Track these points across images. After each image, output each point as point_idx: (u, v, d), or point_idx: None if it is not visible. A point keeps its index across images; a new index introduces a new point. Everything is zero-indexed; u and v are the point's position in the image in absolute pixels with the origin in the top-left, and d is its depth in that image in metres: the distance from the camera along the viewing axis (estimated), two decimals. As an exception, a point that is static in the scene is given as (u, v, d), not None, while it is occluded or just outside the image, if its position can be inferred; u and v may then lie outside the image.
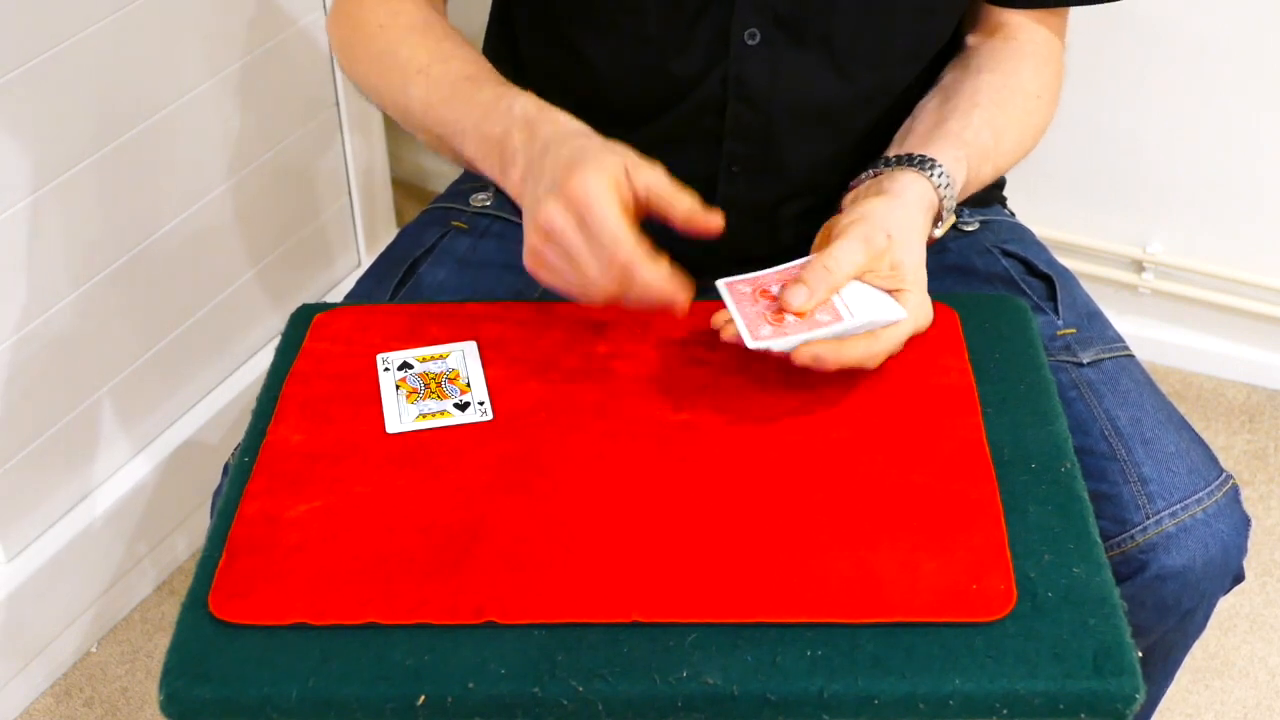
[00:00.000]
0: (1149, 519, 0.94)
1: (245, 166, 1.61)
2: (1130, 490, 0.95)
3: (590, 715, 0.73)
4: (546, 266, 0.87)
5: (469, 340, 0.95)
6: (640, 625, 0.75)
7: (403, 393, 0.91)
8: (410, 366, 0.93)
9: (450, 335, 0.95)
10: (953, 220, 0.97)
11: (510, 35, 1.12)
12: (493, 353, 0.94)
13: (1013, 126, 1.01)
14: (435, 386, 0.91)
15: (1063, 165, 1.80)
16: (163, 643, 1.54)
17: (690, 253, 0.90)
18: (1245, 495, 0.98)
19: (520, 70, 1.10)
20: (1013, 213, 1.20)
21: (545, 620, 0.76)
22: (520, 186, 0.90)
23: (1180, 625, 0.98)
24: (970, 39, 1.07)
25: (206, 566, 0.80)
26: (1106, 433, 0.98)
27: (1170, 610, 0.96)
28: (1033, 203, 1.57)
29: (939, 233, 0.95)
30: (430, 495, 0.83)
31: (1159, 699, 1.12)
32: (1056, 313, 1.06)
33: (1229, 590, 0.99)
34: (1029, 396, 0.90)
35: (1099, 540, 0.80)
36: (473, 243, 1.13)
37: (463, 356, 0.94)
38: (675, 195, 0.87)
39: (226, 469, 0.99)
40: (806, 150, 1.05)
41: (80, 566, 1.52)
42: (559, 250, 0.85)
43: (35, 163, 1.33)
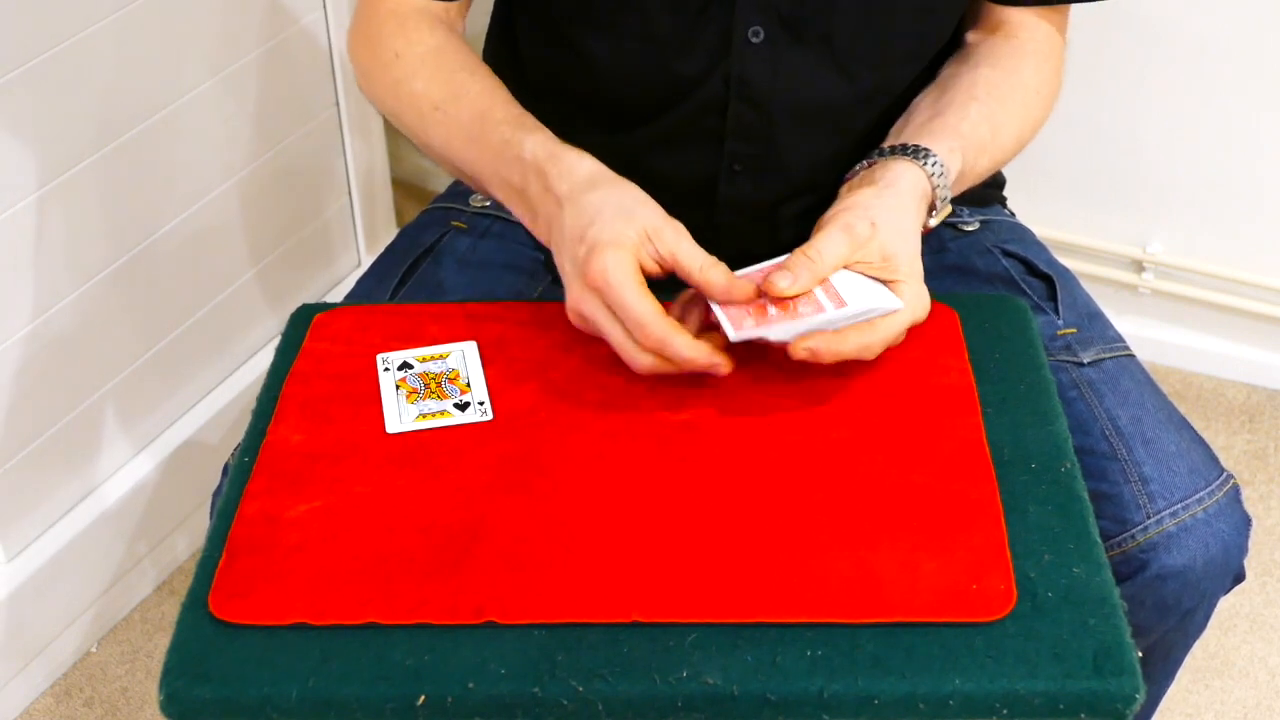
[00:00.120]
0: (1150, 518, 0.94)
1: (245, 166, 1.61)
2: (1131, 490, 0.95)
3: (590, 715, 0.73)
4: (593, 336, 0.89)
5: (469, 340, 0.95)
6: (640, 625, 0.75)
7: (403, 393, 0.91)
8: (410, 366, 0.93)
9: (450, 335, 0.95)
10: (948, 210, 0.96)
11: (510, 37, 1.12)
12: (493, 353, 0.94)
13: (1011, 121, 1.01)
14: (435, 386, 0.91)
15: (1063, 165, 1.80)
16: (163, 643, 1.54)
17: None
18: (1245, 495, 0.98)
19: (521, 72, 1.10)
20: (1013, 213, 1.20)
21: (545, 620, 0.76)
22: (546, 240, 0.92)
23: (1181, 625, 0.98)
24: (970, 36, 1.07)
25: (206, 566, 0.80)
26: (1107, 432, 0.98)
27: (1171, 610, 0.96)
28: (1033, 203, 1.57)
29: (934, 222, 0.95)
30: (430, 495, 0.83)
31: (1160, 699, 1.12)
32: (1057, 312, 1.06)
33: (1230, 590, 0.99)
34: (1029, 396, 0.90)
35: (1099, 540, 0.80)
36: (473, 243, 1.13)
37: (463, 356, 0.94)
38: (693, 262, 0.86)
39: (226, 469, 0.99)
40: (807, 149, 1.04)
41: (80, 566, 1.51)
42: (596, 330, 0.88)
43: (36, 163, 1.33)
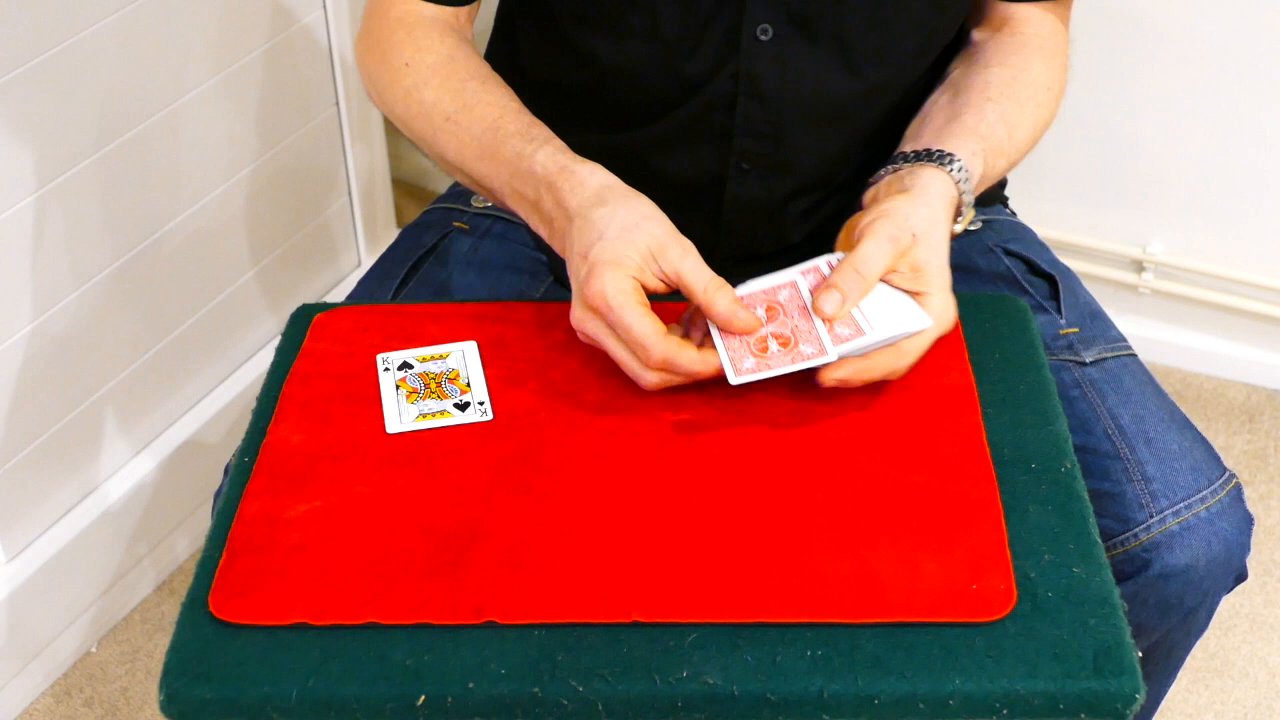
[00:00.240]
0: (1152, 517, 0.94)
1: (245, 166, 1.61)
2: (1133, 489, 0.95)
3: (590, 715, 0.73)
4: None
5: (469, 340, 0.95)
6: (640, 625, 0.75)
7: (403, 393, 0.91)
8: (410, 366, 0.93)
9: (450, 335, 0.95)
10: (971, 215, 0.96)
11: (512, 38, 1.11)
12: (493, 353, 0.94)
13: (1025, 120, 1.01)
14: (435, 386, 0.91)
15: (1063, 165, 1.80)
16: (163, 643, 1.54)
17: None
18: (1245, 495, 0.98)
19: (522, 73, 1.09)
20: (1014, 212, 1.20)
21: (545, 620, 0.76)
22: (562, 252, 0.92)
23: (1183, 624, 0.98)
24: (976, 34, 1.07)
25: (206, 566, 0.80)
26: (1110, 432, 0.98)
27: (1173, 609, 0.96)
28: (1033, 203, 1.57)
29: (959, 228, 0.94)
30: (430, 495, 0.83)
31: (1161, 698, 1.12)
32: (1059, 312, 1.06)
33: (1232, 589, 0.99)
34: (1029, 396, 0.90)
35: (1099, 540, 0.80)
36: (474, 243, 1.13)
37: (463, 356, 0.94)
38: (697, 282, 0.86)
39: (227, 469, 0.99)
40: (815, 147, 1.04)
41: (80, 566, 1.51)
42: (602, 348, 0.88)
43: (36, 162, 1.33)
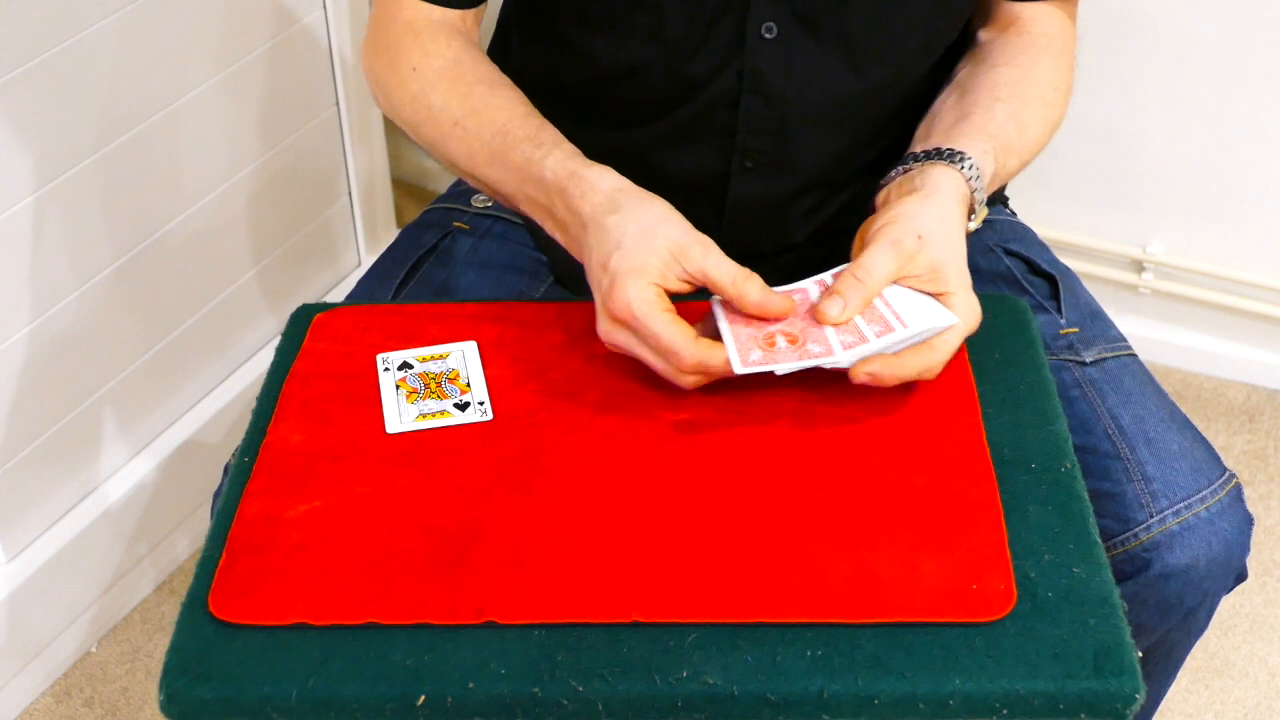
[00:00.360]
0: (1152, 517, 0.94)
1: (245, 166, 1.61)
2: (1134, 489, 0.95)
3: (590, 715, 0.73)
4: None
5: (469, 340, 0.95)
6: (640, 625, 0.75)
7: (403, 393, 0.91)
8: (410, 366, 0.93)
9: (450, 335, 0.95)
10: (985, 214, 0.95)
11: (512, 45, 1.11)
12: (493, 353, 0.94)
13: (1035, 120, 1.01)
14: (435, 386, 0.91)
15: (1063, 165, 1.80)
16: (163, 643, 1.53)
17: None
18: (1245, 495, 0.98)
19: (521, 76, 1.09)
20: (1014, 212, 1.20)
21: (545, 620, 0.76)
22: (579, 257, 0.91)
23: (1183, 624, 0.98)
24: (983, 34, 1.07)
25: (206, 566, 0.80)
26: (1110, 432, 0.97)
27: (1173, 609, 0.96)
28: (1033, 203, 1.57)
29: (973, 226, 0.94)
30: (430, 495, 0.83)
31: (1161, 698, 1.12)
32: (1059, 312, 1.06)
33: (1232, 589, 0.99)
34: (1029, 396, 0.89)
35: (1099, 540, 0.80)
36: (475, 243, 1.13)
37: (463, 356, 0.94)
38: (725, 275, 0.86)
39: (227, 469, 0.99)
40: (818, 145, 1.04)
41: (80, 566, 1.51)
42: (633, 356, 0.88)
43: (36, 162, 1.33)
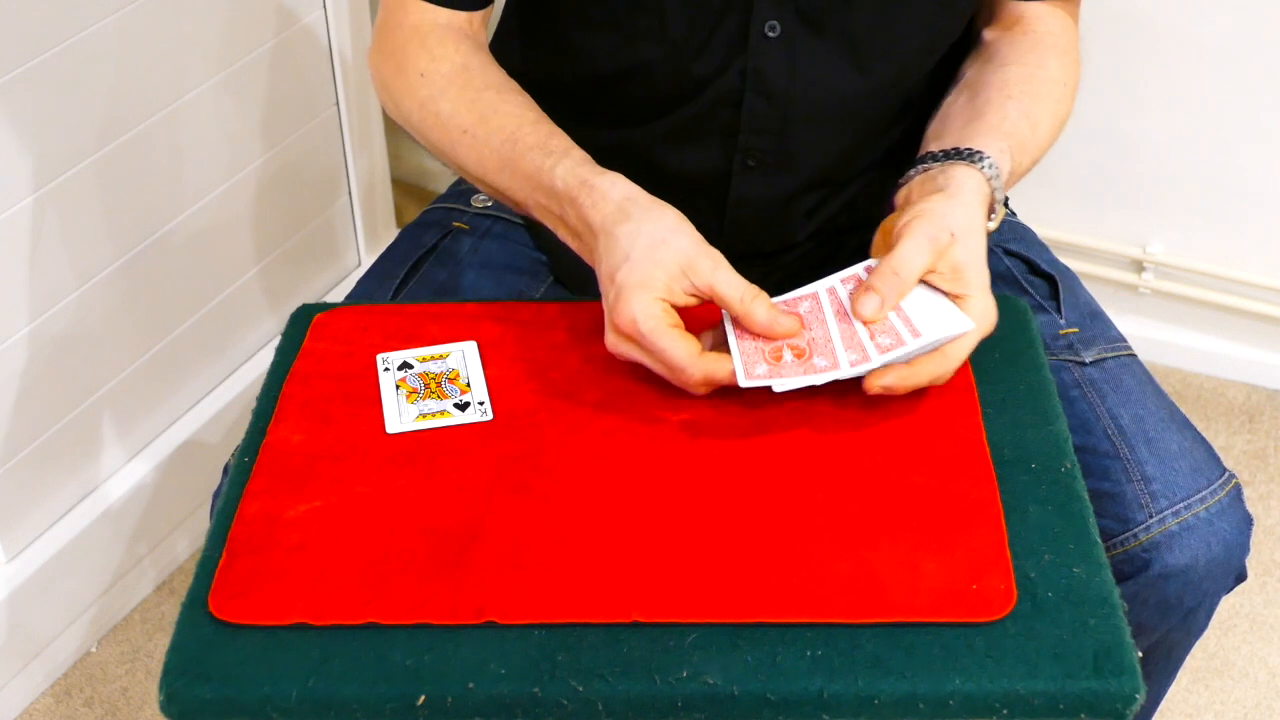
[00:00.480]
0: (1152, 518, 0.94)
1: (245, 166, 1.61)
2: (1133, 489, 0.95)
3: (590, 715, 0.73)
4: None
5: (469, 340, 0.95)
6: (640, 625, 0.75)
7: (403, 393, 0.91)
8: (410, 366, 0.93)
9: (450, 335, 0.95)
10: (1003, 213, 0.95)
11: (513, 45, 1.11)
12: (493, 353, 0.94)
13: (1046, 117, 1.00)
14: (435, 386, 0.91)
15: (1063, 165, 1.80)
16: (163, 643, 1.54)
17: None
18: (1245, 495, 0.98)
19: (521, 76, 1.09)
20: (1014, 212, 1.19)
21: (545, 620, 0.76)
22: (595, 267, 0.91)
23: (1183, 624, 0.98)
24: (988, 33, 1.06)
25: (206, 566, 0.80)
26: (1110, 432, 0.97)
27: (1173, 609, 0.96)
28: (1033, 203, 1.57)
29: (993, 226, 0.93)
30: (430, 495, 0.83)
31: (1161, 698, 1.12)
32: (1059, 312, 1.06)
33: (1231, 589, 0.99)
34: (1029, 396, 0.89)
35: (1099, 540, 0.80)
36: (474, 243, 1.13)
37: (463, 356, 0.94)
38: (733, 292, 0.86)
39: (226, 469, 0.99)
40: (820, 144, 1.04)
41: (80, 566, 1.51)
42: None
43: (36, 162, 1.33)
